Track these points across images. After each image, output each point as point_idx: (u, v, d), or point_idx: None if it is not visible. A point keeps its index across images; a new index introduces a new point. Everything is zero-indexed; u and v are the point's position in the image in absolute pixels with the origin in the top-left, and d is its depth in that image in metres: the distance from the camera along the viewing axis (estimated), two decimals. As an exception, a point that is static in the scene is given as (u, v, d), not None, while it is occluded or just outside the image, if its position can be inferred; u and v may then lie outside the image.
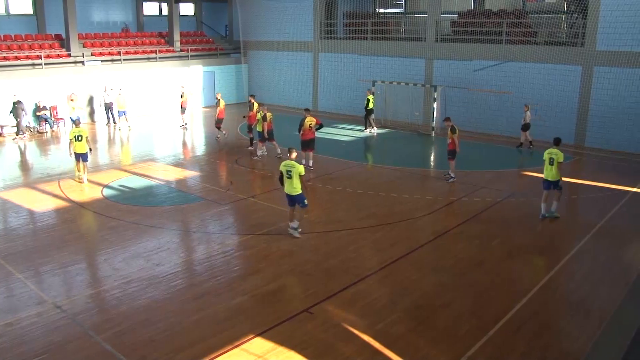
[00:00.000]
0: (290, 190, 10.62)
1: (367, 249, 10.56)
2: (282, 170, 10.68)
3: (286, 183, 10.62)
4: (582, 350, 7.25)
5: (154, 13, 31.71)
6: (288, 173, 10.54)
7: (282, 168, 10.67)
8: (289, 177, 10.53)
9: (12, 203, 13.27)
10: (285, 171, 10.58)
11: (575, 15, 21.10)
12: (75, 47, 24.57)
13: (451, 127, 14.65)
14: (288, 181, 10.56)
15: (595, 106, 19.24)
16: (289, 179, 10.53)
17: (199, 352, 7.10)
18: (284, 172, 10.61)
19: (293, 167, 10.50)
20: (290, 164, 10.60)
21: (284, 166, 10.66)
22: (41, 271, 9.54)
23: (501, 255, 10.36)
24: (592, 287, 9.09)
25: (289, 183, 10.57)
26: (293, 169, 10.48)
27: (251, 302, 8.44)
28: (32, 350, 7.14)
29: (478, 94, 21.77)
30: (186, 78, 27.91)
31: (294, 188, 10.54)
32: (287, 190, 10.68)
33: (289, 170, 10.53)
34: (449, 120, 14.96)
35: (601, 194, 14.16)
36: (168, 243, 10.84)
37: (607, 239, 11.35)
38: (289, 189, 10.63)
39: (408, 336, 7.52)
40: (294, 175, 10.47)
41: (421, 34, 24.11)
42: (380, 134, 22.00)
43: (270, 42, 29.47)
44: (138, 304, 8.37)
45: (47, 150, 19.72)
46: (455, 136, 14.55)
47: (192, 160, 18.02)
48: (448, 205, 13.14)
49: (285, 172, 10.59)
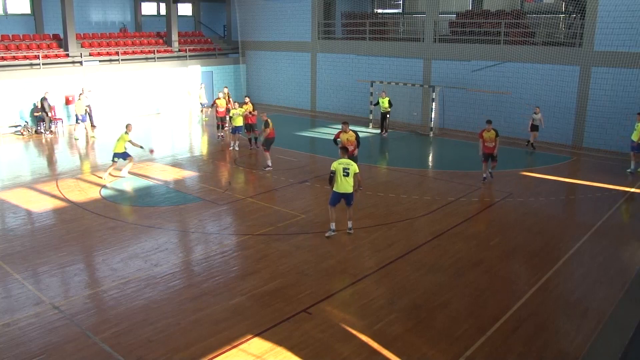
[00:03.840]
0: (346, 188, 10.48)
1: (365, 249, 10.56)
2: (335, 169, 10.50)
3: (342, 181, 10.44)
4: (579, 350, 7.26)
5: (152, 13, 31.68)
6: (345, 171, 10.43)
7: (338, 166, 10.47)
8: (346, 174, 10.42)
9: (10, 203, 13.26)
10: (342, 169, 10.45)
11: (573, 15, 21.16)
12: (73, 47, 24.56)
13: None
14: (345, 179, 10.42)
15: (593, 106, 19.29)
16: (346, 176, 10.42)
17: (197, 352, 7.10)
18: (340, 169, 10.45)
19: (350, 165, 10.45)
20: (347, 161, 10.52)
21: (339, 164, 10.48)
22: (39, 272, 9.52)
23: (499, 256, 10.38)
24: (589, 287, 9.11)
25: (345, 181, 10.43)
26: (350, 167, 10.44)
27: (249, 303, 8.44)
28: (30, 350, 7.13)
29: (476, 94, 21.80)
30: (185, 78, 27.95)
31: (350, 186, 10.49)
32: (341, 188, 10.49)
33: (346, 168, 10.44)
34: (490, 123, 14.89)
35: (599, 194, 14.19)
36: (166, 243, 10.84)
37: (604, 239, 11.37)
38: (344, 187, 10.47)
39: (406, 336, 7.52)
40: (351, 173, 10.44)
41: (419, 35, 24.14)
42: (380, 134, 22.01)
43: (269, 43, 29.47)
44: (136, 305, 8.36)
45: (46, 150, 19.69)
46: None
47: (191, 161, 18.02)
48: (446, 205, 13.16)
49: (342, 169, 10.45)
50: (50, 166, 17.01)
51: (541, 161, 17.98)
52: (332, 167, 10.58)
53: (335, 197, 10.71)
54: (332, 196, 10.74)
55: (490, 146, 14.61)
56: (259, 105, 25.55)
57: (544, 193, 14.38)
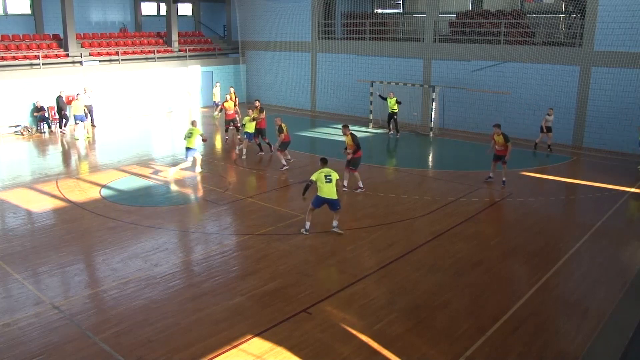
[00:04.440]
0: (329, 194, 10.84)
1: (365, 249, 10.56)
2: (317, 178, 10.87)
3: (325, 187, 10.81)
4: (579, 350, 7.26)
5: (152, 13, 31.67)
6: (327, 178, 10.83)
7: (319, 175, 10.89)
8: (329, 181, 10.81)
9: (10, 203, 13.26)
10: (324, 176, 10.84)
11: (573, 15, 21.15)
12: (73, 47, 24.55)
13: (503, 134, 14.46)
14: (327, 185, 10.80)
15: (593, 106, 19.29)
16: (329, 183, 10.80)
17: (197, 352, 7.10)
18: (322, 177, 10.82)
19: (332, 173, 10.93)
20: (327, 170, 11.01)
21: (320, 173, 10.92)
22: (39, 272, 9.53)
23: (499, 256, 10.38)
24: (589, 287, 9.11)
25: (327, 187, 10.81)
26: (332, 174, 10.90)
27: (249, 303, 8.44)
28: (30, 350, 7.13)
29: (476, 94, 21.79)
30: (184, 78, 27.95)
31: (333, 192, 10.85)
32: (325, 194, 10.84)
33: (328, 175, 10.87)
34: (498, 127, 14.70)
35: (599, 194, 14.19)
36: (166, 243, 10.84)
37: (604, 239, 11.37)
38: (328, 193, 10.83)
39: (406, 336, 7.52)
40: (333, 180, 10.85)
41: (419, 35, 24.13)
42: (379, 134, 22.01)
43: (269, 43, 29.46)
44: (136, 305, 8.36)
45: (46, 150, 19.69)
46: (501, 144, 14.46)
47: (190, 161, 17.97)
48: (446, 205, 13.16)
49: (323, 177, 10.83)
50: (50, 166, 16.99)
51: (541, 161, 17.98)
52: (313, 177, 10.97)
53: (318, 200, 11.01)
54: (315, 199, 11.05)
55: (500, 149, 14.51)
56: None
57: (544, 193, 14.39)
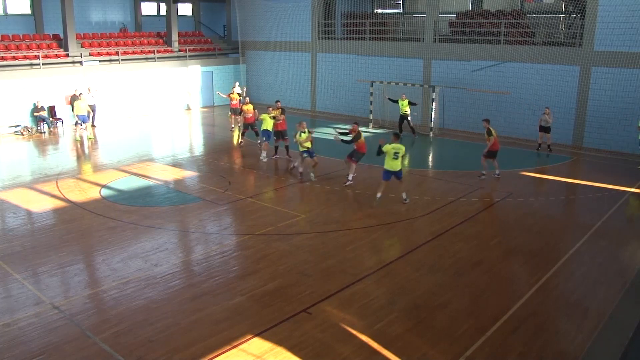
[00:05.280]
0: (394, 167, 12.71)
1: (365, 249, 10.56)
2: (387, 151, 12.61)
3: (392, 162, 12.67)
4: (579, 350, 7.26)
5: (152, 13, 31.67)
6: (395, 155, 12.60)
7: (391, 149, 12.60)
8: (396, 158, 12.64)
9: (10, 203, 13.26)
10: (393, 152, 12.59)
11: (573, 15, 21.15)
12: (73, 47, 24.56)
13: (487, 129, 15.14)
14: (395, 161, 12.65)
15: (593, 106, 19.28)
16: (396, 159, 12.65)
17: (197, 352, 7.10)
18: (391, 153, 12.59)
19: (400, 150, 12.67)
20: (398, 146, 12.66)
21: (392, 148, 12.62)
22: (39, 272, 9.53)
23: (499, 256, 10.38)
24: (589, 287, 9.11)
25: (394, 162, 12.66)
26: (400, 151, 12.66)
27: (249, 303, 8.44)
28: (30, 350, 7.13)
29: (476, 94, 21.79)
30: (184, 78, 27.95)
31: (397, 165, 12.72)
32: (391, 167, 12.71)
33: (397, 152, 12.62)
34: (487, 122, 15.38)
35: (599, 194, 14.18)
36: (166, 243, 10.84)
37: (604, 239, 11.36)
38: (394, 166, 12.70)
39: (406, 336, 7.52)
40: (400, 156, 12.71)
41: (419, 35, 24.13)
42: (379, 134, 21.99)
43: (269, 43, 29.46)
44: (136, 305, 8.36)
45: (46, 150, 19.69)
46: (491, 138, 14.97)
47: (190, 161, 18.01)
48: (446, 205, 13.16)
49: (392, 152, 12.58)
50: (50, 166, 16.98)
51: (541, 161, 17.98)
52: (385, 148, 12.67)
53: (387, 173, 12.86)
54: (384, 172, 12.89)
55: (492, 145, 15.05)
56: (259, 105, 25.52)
57: (544, 193, 14.39)
